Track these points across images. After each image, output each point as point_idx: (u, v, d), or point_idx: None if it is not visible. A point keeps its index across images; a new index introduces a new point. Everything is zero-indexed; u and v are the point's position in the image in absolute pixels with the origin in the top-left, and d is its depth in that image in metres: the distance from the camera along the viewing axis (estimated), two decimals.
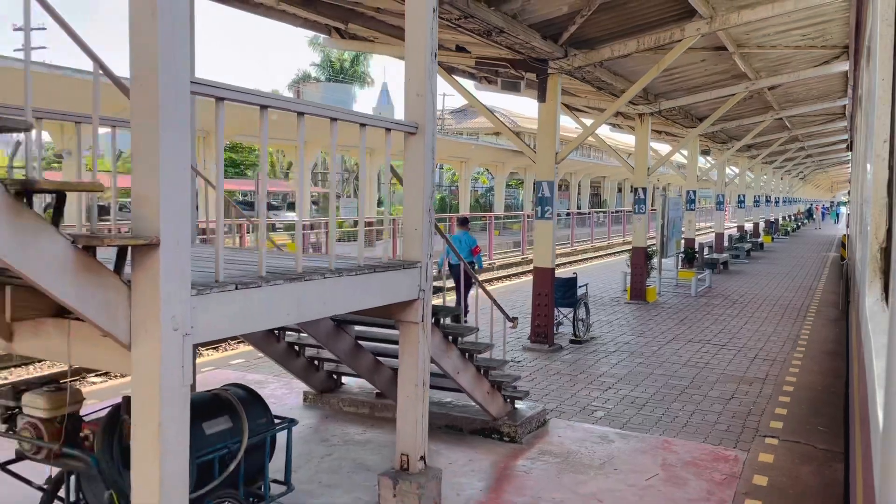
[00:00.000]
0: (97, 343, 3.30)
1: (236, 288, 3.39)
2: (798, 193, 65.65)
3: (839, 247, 27.41)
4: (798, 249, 30.92)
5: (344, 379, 7.53)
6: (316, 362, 7.12)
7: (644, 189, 14.30)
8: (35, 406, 3.68)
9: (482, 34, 8.02)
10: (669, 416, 7.11)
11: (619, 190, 64.12)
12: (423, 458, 4.94)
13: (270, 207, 35.61)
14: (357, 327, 6.29)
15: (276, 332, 6.53)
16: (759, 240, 30.67)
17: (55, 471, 4.00)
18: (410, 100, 4.82)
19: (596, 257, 29.30)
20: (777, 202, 46.05)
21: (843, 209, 71.71)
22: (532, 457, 5.97)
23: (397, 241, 18.58)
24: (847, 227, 18.77)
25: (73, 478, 4.03)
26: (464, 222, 12.25)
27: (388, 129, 4.65)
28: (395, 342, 6.46)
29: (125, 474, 3.36)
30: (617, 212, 44.27)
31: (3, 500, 4.77)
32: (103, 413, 3.85)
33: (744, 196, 29.26)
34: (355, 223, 17.64)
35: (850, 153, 24.07)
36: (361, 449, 6.08)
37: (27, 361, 10.55)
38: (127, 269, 3.03)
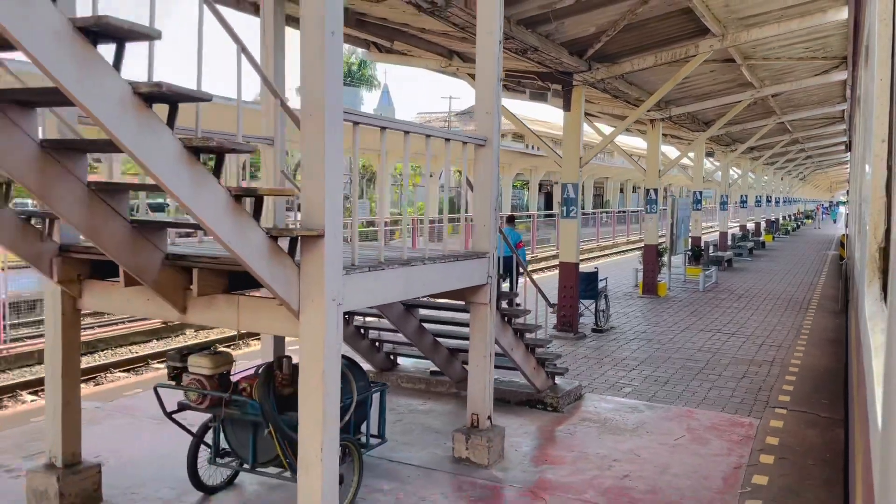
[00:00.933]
0: (261, 313, 4.25)
1: (370, 270, 4.33)
2: (797, 193, 66.60)
3: (838, 246, 28.35)
4: (798, 248, 31.89)
5: (399, 360, 8.46)
6: (377, 343, 8.08)
7: (655, 190, 15.25)
8: (200, 366, 4.63)
9: (519, 52, 8.97)
10: (689, 392, 8.05)
11: (622, 190, 65.12)
12: (489, 417, 5.89)
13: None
14: (421, 311, 7.23)
15: (346, 315, 7.47)
16: (761, 239, 31.63)
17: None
18: (480, 117, 5.78)
19: (602, 256, 30.22)
20: (777, 202, 46.97)
21: (841, 209, 72.63)
22: (574, 423, 6.91)
23: (417, 237, 19.48)
24: (846, 226, 19.64)
25: (215, 426, 4.97)
26: (510, 220, 13.29)
27: (465, 143, 5.60)
28: (449, 323, 7.43)
29: (281, 412, 4.31)
30: (621, 212, 45.21)
31: (161, 445, 5.72)
32: (245, 374, 4.81)
33: (746, 196, 30.19)
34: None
35: (848, 154, 25.02)
36: (425, 416, 7.02)
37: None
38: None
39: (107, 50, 2.94)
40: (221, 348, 4.83)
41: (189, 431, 4.93)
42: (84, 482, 4.91)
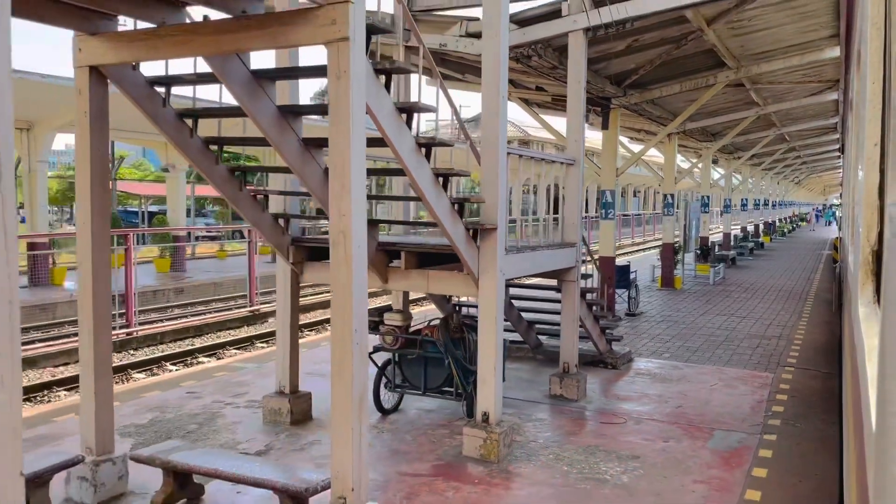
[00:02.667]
0: (446, 281, 6.29)
1: (517, 252, 6.39)
2: (792, 197, 68.87)
3: (832, 248, 30.51)
4: (795, 248, 34.07)
5: None
6: None
7: (673, 195, 17.35)
8: (394, 320, 6.67)
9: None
10: (716, 357, 10.11)
11: (622, 194, 67.27)
12: (576, 365, 7.94)
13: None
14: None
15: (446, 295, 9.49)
16: (760, 240, 33.80)
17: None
18: (571, 143, 7.85)
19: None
20: (774, 205, 49.21)
21: (835, 212, 74.85)
22: (631, 376, 8.97)
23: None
24: (839, 229, 21.68)
25: (394, 363, 6.99)
26: None
27: (563, 163, 7.66)
28: (527, 299, 9.45)
29: (456, 351, 6.38)
30: (625, 215, 47.31)
31: None
32: (418, 327, 6.85)
33: (746, 200, 32.33)
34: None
35: (840, 159, 27.18)
36: (518, 372, 9.04)
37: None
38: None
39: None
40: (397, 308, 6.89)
41: (377, 366, 6.96)
42: (303, 404, 6.94)
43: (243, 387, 8.16)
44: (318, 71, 5.07)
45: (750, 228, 35.65)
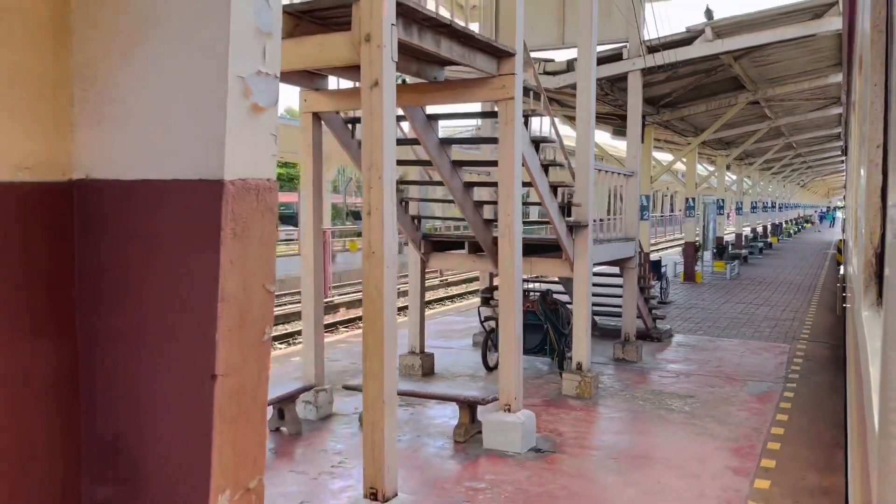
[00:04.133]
0: (546, 266, 8.34)
1: (601, 243, 8.46)
2: (797, 199, 70.85)
3: (835, 247, 32.54)
4: (801, 248, 36.10)
5: None
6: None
7: (694, 199, 19.42)
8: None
9: (615, 105, 13.11)
10: (741, 333, 12.15)
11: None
12: (634, 335, 9.99)
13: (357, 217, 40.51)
14: None
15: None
16: (768, 240, 35.83)
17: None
18: (630, 159, 9.92)
19: None
20: (780, 207, 51.20)
21: (838, 213, 76.73)
22: (673, 346, 11.01)
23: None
24: (843, 231, 23.56)
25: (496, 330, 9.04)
26: None
27: (625, 175, 9.72)
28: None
29: (553, 319, 8.45)
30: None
31: (458, 346, 9.78)
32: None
33: (756, 202, 34.37)
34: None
35: (843, 161, 29.15)
36: None
37: None
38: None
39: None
40: None
41: (487, 331, 9.01)
42: (428, 361, 9.01)
43: None
44: (482, 115, 7.13)
45: (759, 229, 37.68)
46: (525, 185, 8.34)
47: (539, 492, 5.43)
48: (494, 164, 6.99)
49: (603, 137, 18.07)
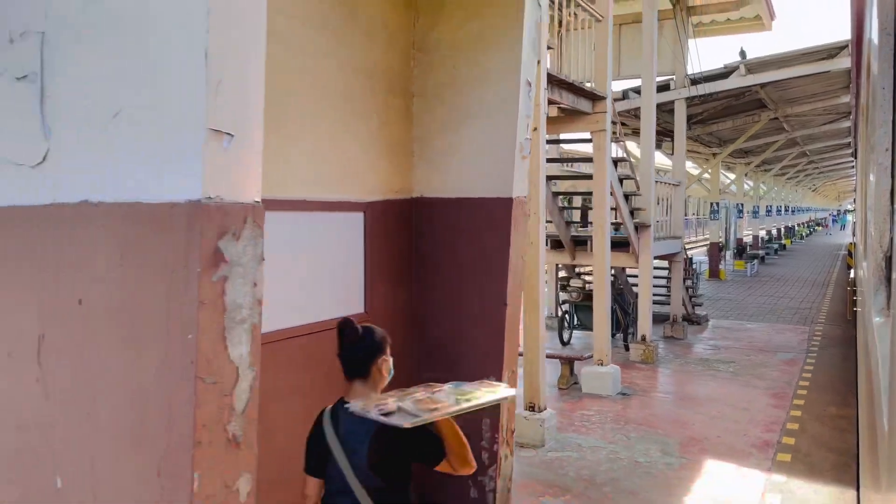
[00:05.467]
0: (619, 259, 10.45)
1: (660, 240, 10.57)
2: (808, 202, 72.50)
3: (846, 249, 34.39)
4: (813, 250, 38.03)
5: None
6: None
7: (718, 203, 21.49)
8: (576, 283, 10.85)
9: (659, 122, 15.19)
10: (767, 319, 14.21)
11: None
12: (680, 317, 12.07)
13: None
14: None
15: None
16: (782, 242, 37.78)
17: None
18: (677, 171, 12.02)
19: None
20: (793, 211, 53.03)
21: (849, 217, 78.28)
22: (710, 328, 13.09)
23: None
24: (853, 234, 25.33)
25: (571, 311, 11.14)
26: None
27: (673, 185, 11.82)
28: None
29: (620, 301, 10.57)
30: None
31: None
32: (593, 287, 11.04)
33: (771, 206, 36.35)
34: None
35: (853, 165, 31.02)
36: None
37: None
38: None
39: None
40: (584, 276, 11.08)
41: (564, 313, 11.12)
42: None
43: None
44: (579, 141, 9.28)
45: (774, 232, 39.62)
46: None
47: (634, 416, 7.54)
48: (587, 177, 9.11)
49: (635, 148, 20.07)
